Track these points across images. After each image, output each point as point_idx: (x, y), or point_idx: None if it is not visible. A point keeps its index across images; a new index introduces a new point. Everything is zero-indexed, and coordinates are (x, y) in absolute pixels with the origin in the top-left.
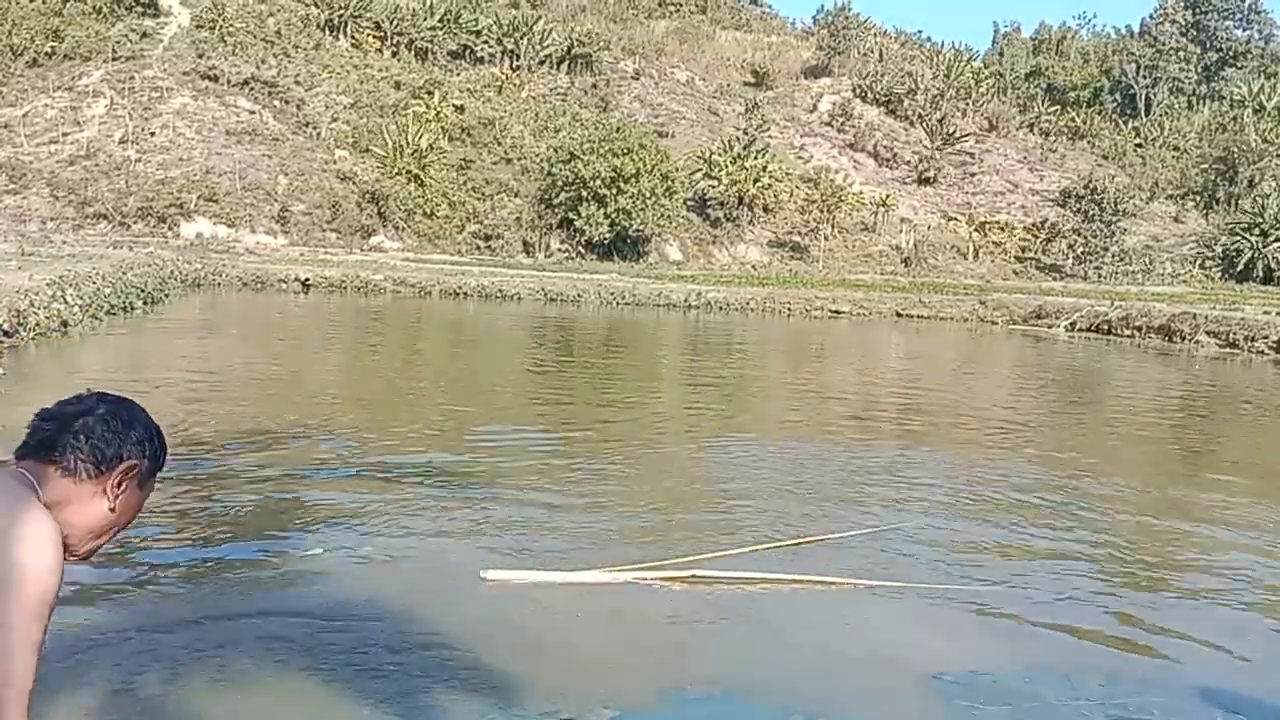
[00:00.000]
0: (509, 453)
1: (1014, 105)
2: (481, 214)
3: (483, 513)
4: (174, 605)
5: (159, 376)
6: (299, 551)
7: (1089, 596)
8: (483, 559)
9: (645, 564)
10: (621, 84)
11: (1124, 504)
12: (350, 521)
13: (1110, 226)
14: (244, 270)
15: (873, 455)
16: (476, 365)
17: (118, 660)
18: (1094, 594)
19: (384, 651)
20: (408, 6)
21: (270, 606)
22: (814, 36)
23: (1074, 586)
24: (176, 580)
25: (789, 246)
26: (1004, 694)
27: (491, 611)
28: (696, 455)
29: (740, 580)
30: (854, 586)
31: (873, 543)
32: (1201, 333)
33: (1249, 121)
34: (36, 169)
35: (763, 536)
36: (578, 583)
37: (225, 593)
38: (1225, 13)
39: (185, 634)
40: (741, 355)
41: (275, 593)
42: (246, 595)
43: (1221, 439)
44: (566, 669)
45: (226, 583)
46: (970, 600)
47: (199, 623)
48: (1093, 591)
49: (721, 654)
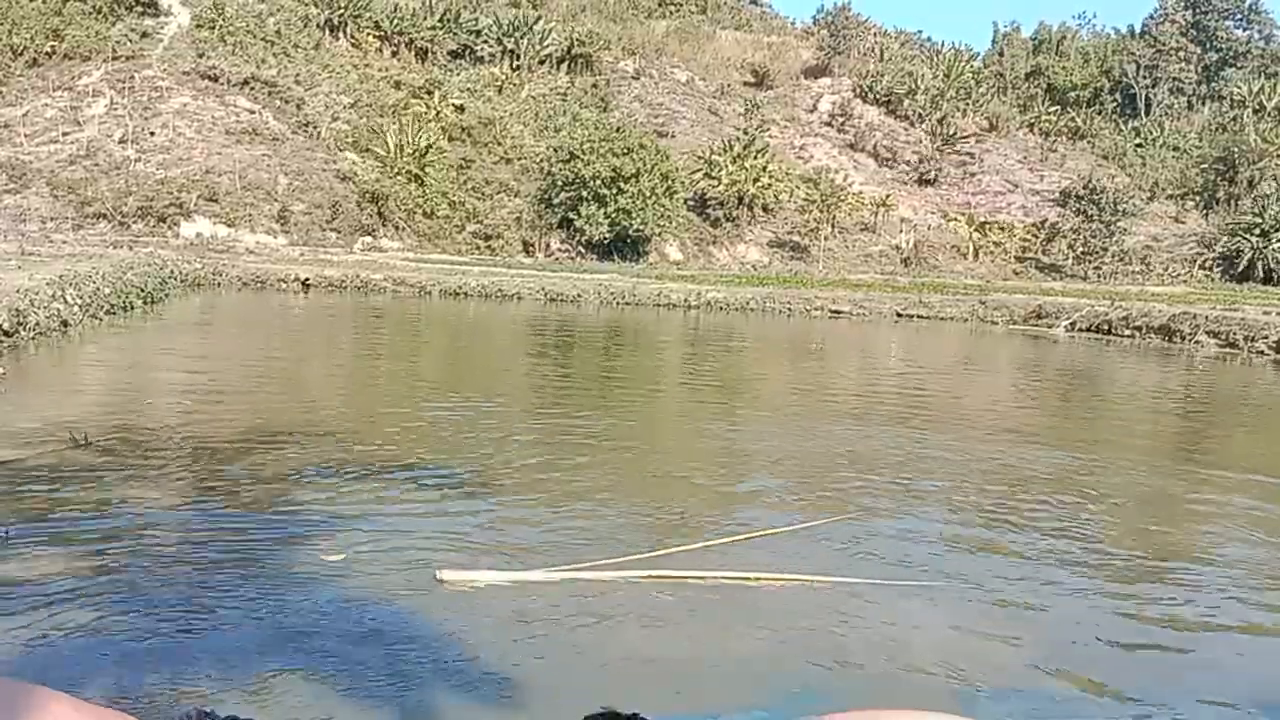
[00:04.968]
0: (508, 452)
1: (1014, 105)
2: (481, 214)
3: (468, 511)
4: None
5: (158, 376)
6: (299, 552)
7: (1086, 593)
8: (471, 560)
9: (601, 562)
10: (621, 84)
11: (1121, 497)
12: (349, 522)
13: (1110, 226)
14: (244, 270)
15: (871, 451)
16: (476, 365)
17: (89, 660)
18: (1093, 591)
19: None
20: (408, 6)
21: (270, 606)
22: (814, 36)
23: (1069, 582)
24: (178, 581)
25: (789, 246)
26: (985, 686)
27: (451, 611)
28: (693, 454)
29: (696, 576)
30: (810, 583)
31: (834, 535)
32: (1201, 333)
33: (1249, 122)
34: (36, 169)
35: (749, 526)
36: (532, 581)
37: (225, 594)
38: (1225, 13)
39: (159, 636)
40: (741, 355)
41: (276, 593)
42: (245, 596)
43: (1221, 438)
44: (527, 668)
45: (226, 582)
46: (940, 595)
47: (189, 622)
48: (1090, 585)
49: (674, 648)
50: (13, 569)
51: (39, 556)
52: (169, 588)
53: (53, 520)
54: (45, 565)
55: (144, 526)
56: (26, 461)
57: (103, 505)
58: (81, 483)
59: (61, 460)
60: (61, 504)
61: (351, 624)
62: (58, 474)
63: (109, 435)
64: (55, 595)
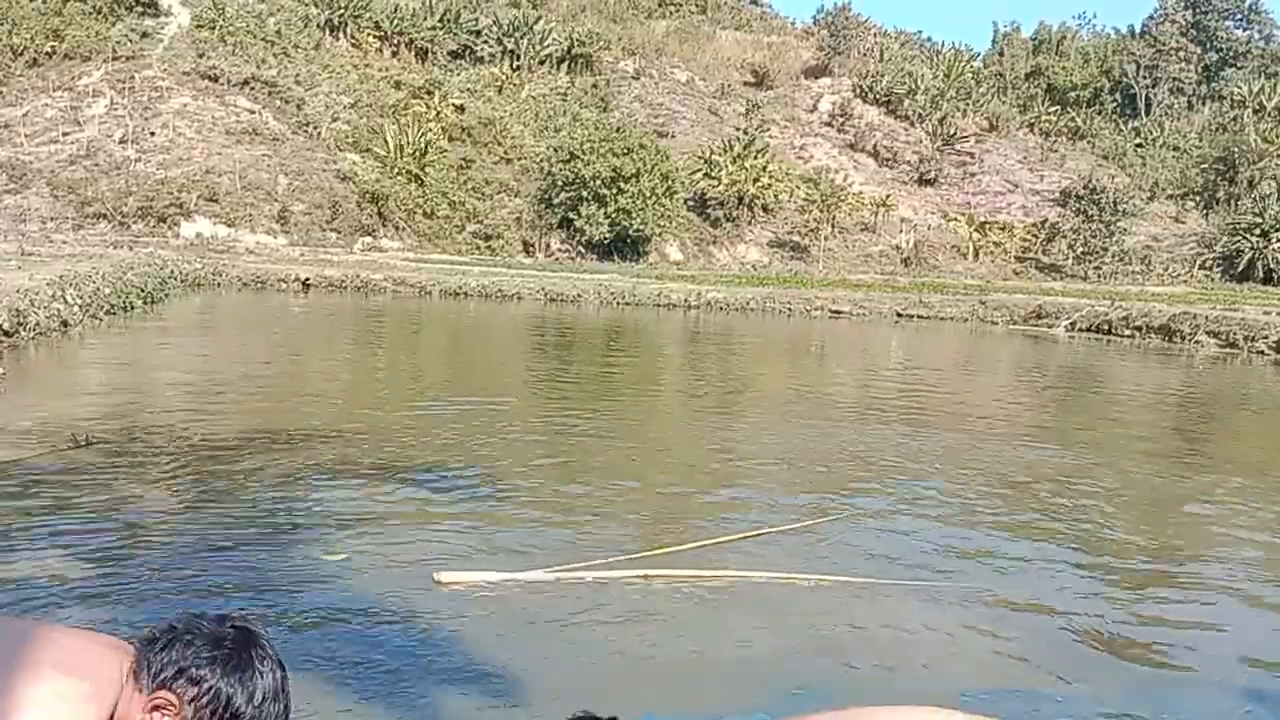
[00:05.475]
0: (507, 452)
1: (1014, 105)
2: (481, 214)
3: (466, 511)
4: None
5: (159, 376)
6: (299, 552)
7: (1087, 592)
8: (469, 560)
9: (599, 562)
10: (621, 84)
11: (1121, 497)
12: (349, 522)
13: (1110, 226)
14: (244, 270)
15: (871, 450)
16: (476, 365)
17: None
18: (1090, 588)
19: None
20: (408, 6)
21: (269, 606)
22: (814, 36)
23: (1069, 581)
24: (177, 581)
25: (789, 246)
26: (982, 689)
27: (448, 611)
28: (693, 453)
29: (693, 576)
30: (810, 582)
31: (834, 534)
32: (1201, 333)
33: (1249, 122)
34: (36, 169)
35: (753, 524)
36: (530, 581)
37: (224, 594)
38: (1225, 13)
39: None
40: (741, 355)
41: (274, 594)
42: (244, 596)
43: (1222, 437)
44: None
45: (225, 583)
46: (939, 595)
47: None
48: (1089, 585)
49: (673, 648)
50: (13, 569)
51: (39, 556)
52: (169, 588)
53: (53, 520)
54: (45, 565)
55: (144, 526)
56: (27, 462)
57: (103, 505)
58: (82, 483)
59: (62, 460)
60: (62, 504)
61: (349, 624)
62: (58, 474)
63: (109, 435)
64: (55, 595)
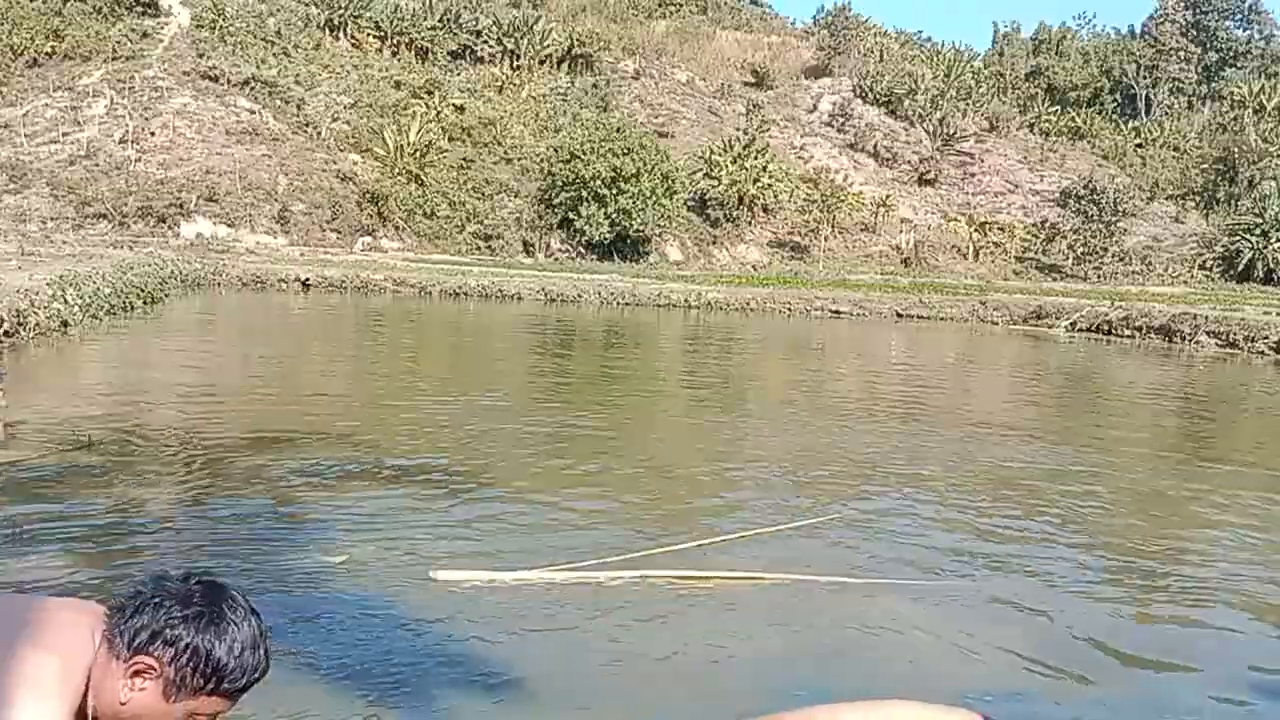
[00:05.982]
0: (506, 451)
1: (1014, 105)
2: (481, 214)
3: (465, 510)
4: None
5: (159, 376)
6: (298, 552)
7: (1087, 591)
8: (466, 559)
9: (596, 562)
10: (621, 84)
11: (1121, 497)
12: (348, 522)
13: (1110, 226)
14: (244, 270)
15: (870, 449)
16: (476, 365)
17: None
18: (1091, 588)
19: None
20: (408, 6)
21: (268, 606)
22: (814, 36)
23: (1070, 580)
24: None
25: (789, 246)
26: (983, 691)
27: (445, 611)
28: (693, 452)
29: (692, 576)
30: (810, 582)
31: (834, 534)
32: (1201, 333)
33: (1249, 122)
34: (36, 169)
35: (750, 524)
36: (528, 580)
37: None
38: (1225, 13)
39: None
40: (741, 355)
41: (274, 594)
42: None
43: (1222, 437)
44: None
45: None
46: (940, 595)
47: None
48: (1089, 585)
49: (671, 648)
50: (14, 569)
51: (40, 556)
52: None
53: (53, 520)
54: (46, 565)
55: (144, 526)
56: (28, 462)
57: (104, 505)
58: (83, 483)
59: (63, 461)
60: (63, 504)
61: (347, 624)
62: (59, 474)
63: (110, 435)
64: (55, 595)
